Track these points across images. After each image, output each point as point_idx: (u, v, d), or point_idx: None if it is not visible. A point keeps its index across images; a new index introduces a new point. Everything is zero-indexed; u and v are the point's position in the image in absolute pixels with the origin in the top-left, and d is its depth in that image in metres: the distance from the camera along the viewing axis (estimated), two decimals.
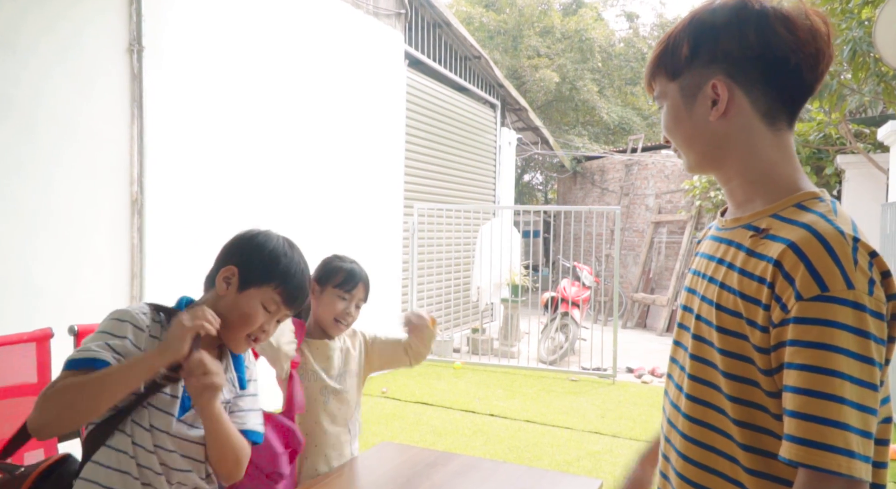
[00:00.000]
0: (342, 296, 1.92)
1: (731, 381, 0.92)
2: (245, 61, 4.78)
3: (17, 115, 3.24)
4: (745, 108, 0.95)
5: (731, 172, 1.00)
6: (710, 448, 0.96)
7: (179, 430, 1.31)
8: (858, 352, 0.80)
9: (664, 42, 1.00)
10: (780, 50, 0.91)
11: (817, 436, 0.79)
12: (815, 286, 0.81)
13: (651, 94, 1.05)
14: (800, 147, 7.19)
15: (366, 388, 5.79)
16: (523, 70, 15.37)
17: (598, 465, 4.06)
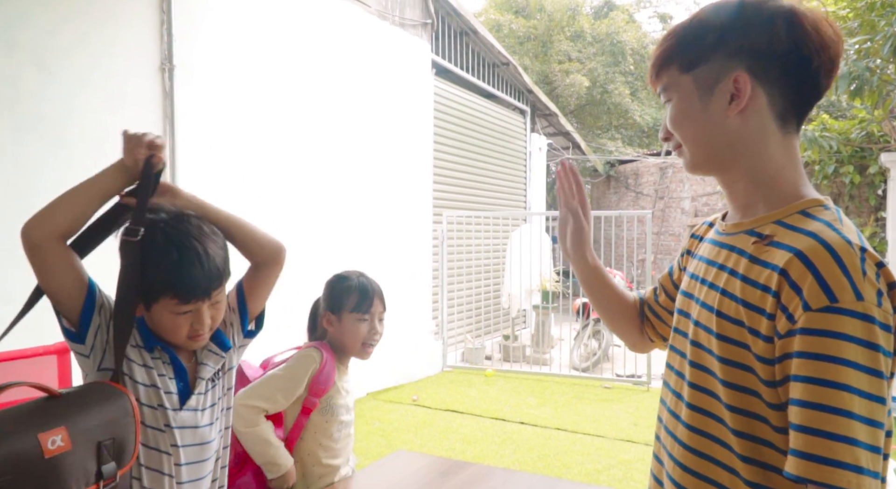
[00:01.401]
0: (362, 319, 1.85)
1: (730, 390, 0.90)
2: (273, 76, 4.88)
3: (50, 132, 3.37)
4: (763, 106, 0.92)
5: (738, 173, 0.97)
6: (709, 458, 0.94)
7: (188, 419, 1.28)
8: (868, 365, 0.77)
9: (678, 33, 0.96)
10: (807, 49, 0.89)
11: (825, 452, 0.77)
12: (824, 297, 0.79)
13: (655, 88, 1.01)
14: (841, 146, 6.98)
15: (396, 396, 5.85)
16: (554, 75, 15.31)
17: (629, 474, 4.00)
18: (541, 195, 10.12)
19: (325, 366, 1.80)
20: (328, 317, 1.88)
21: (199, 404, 1.31)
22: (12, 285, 3.13)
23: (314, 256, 5.25)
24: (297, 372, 1.76)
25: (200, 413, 1.31)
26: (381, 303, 1.92)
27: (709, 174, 1.02)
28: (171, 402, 1.27)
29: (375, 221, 6.09)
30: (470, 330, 7.94)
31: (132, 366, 1.26)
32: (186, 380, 1.31)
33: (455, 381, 6.56)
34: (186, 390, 1.30)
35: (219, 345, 1.36)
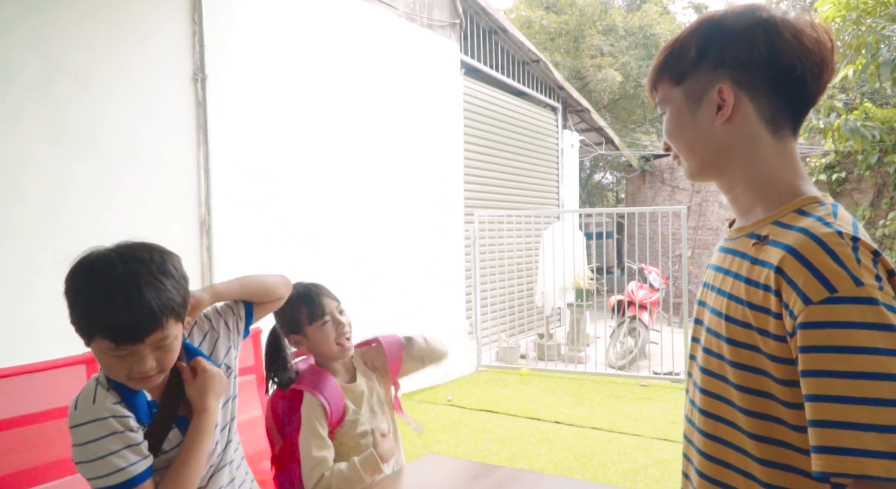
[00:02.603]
0: (323, 323, 1.84)
1: (744, 394, 0.90)
2: (304, 81, 4.96)
3: (84, 141, 3.48)
4: (750, 114, 0.94)
5: (734, 180, 0.99)
6: (724, 463, 0.95)
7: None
8: (885, 346, 0.76)
9: (669, 47, 1.00)
10: (787, 57, 0.91)
11: (851, 443, 0.75)
12: (823, 288, 0.79)
13: (653, 101, 1.04)
14: (884, 134, 6.74)
15: (431, 397, 5.88)
16: (586, 70, 15.14)
17: (666, 474, 3.95)
18: (574, 192, 10.03)
19: (332, 406, 1.80)
20: (294, 339, 1.86)
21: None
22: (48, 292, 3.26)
23: (346, 259, 5.31)
24: (315, 423, 1.77)
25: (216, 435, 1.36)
26: (332, 299, 1.90)
27: (707, 181, 1.04)
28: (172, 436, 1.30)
29: (407, 222, 6.13)
30: (504, 329, 7.92)
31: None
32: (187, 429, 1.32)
33: (490, 381, 6.56)
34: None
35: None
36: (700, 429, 0.99)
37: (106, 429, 1.17)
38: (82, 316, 1.15)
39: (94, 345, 1.17)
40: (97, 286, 1.15)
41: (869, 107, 7.12)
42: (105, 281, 1.14)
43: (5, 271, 3.12)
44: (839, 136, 6.36)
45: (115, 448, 1.17)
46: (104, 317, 1.13)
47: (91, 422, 1.18)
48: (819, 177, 8.32)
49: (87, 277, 1.17)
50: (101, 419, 1.18)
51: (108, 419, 1.18)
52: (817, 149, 8.37)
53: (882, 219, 7.79)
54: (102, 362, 1.19)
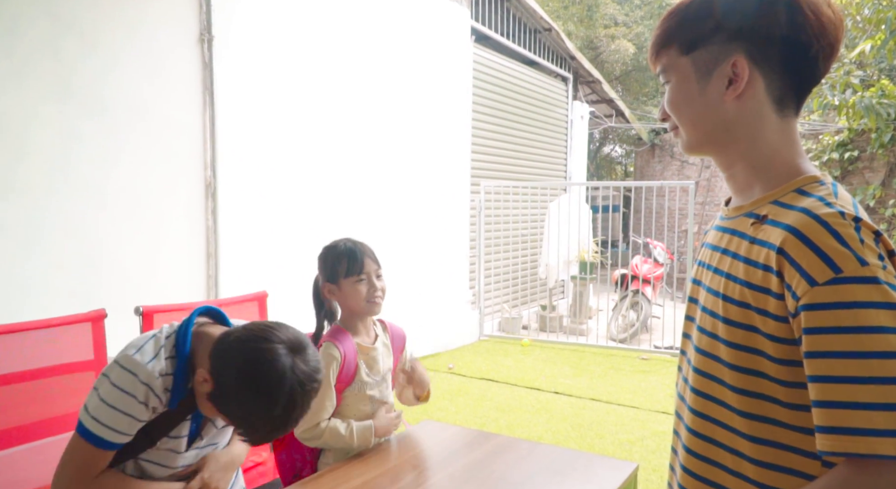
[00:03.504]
0: (359, 280, 1.87)
1: (736, 373, 0.91)
2: (311, 45, 4.90)
3: (90, 101, 3.46)
4: (760, 91, 0.92)
5: (734, 156, 0.97)
6: (713, 441, 0.96)
7: (184, 462, 1.37)
8: (892, 325, 0.76)
9: (678, 13, 0.96)
10: (806, 35, 0.89)
11: (860, 422, 0.75)
12: (828, 269, 0.78)
13: (654, 69, 1.01)
14: None
15: (432, 364, 5.94)
16: (599, 40, 14.87)
17: (662, 445, 4.00)
18: (582, 165, 9.96)
19: (346, 360, 1.82)
20: (328, 287, 1.90)
21: (203, 444, 1.40)
22: (54, 250, 3.28)
23: (351, 224, 5.32)
24: (327, 373, 1.78)
25: (201, 451, 1.40)
26: (374, 262, 1.93)
27: (705, 155, 1.02)
28: (179, 445, 1.34)
29: (413, 191, 6.12)
30: (507, 300, 7.96)
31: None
32: (199, 423, 1.37)
33: (491, 351, 6.62)
34: (196, 433, 1.37)
35: None
36: (691, 407, 0.99)
37: (134, 390, 1.21)
38: (257, 419, 1.21)
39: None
40: (282, 401, 1.19)
41: (886, 84, 6.99)
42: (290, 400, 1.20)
43: (10, 228, 3.14)
44: (854, 114, 6.27)
45: (124, 409, 1.20)
46: (270, 428, 1.21)
47: (131, 373, 1.21)
48: (831, 155, 8.23)
49: (283, 388, 1.19)
50: (139, 379, 1.21)
51: (143, 384, 1.21)
52: (831, 126, 8.26)
53: (893, 198, 7.72)
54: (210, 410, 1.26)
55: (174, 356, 1.27)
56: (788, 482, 0.87)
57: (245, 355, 1.18)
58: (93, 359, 1.61)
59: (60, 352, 1.52)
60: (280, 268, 4.57)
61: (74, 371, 1.56)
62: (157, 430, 1.28)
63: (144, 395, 1.21)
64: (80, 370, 1.58)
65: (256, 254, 4.46)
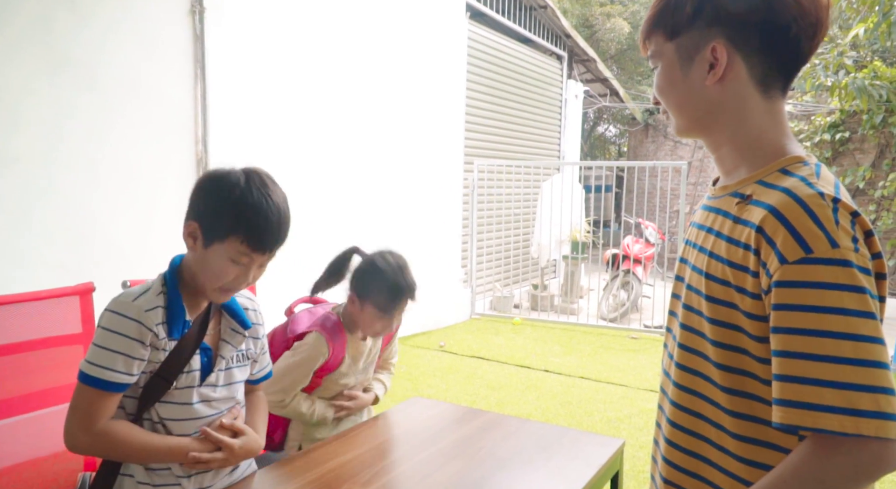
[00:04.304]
0: (383, 316, 1.83)
1: (719, 350, 0.93)
2: (305, 19, 4.83)
3: (82, 74, 3.41)
4: (742, 74, 0.93)
5: (721, 138, 0.98)
6: (697, 414, 0.98)
7: (203, 395, 1.36)
8: (856, 308, 0.79)
9: (662, 1, 0.97)
10: (783, 17, 0.89)
11: (812, 398, 0.78)
12: (799, 248, 0.81)
13: (645, 53, 1.02)
14: (891, 94, 6.64)
15: (423, 342, 5.97)
16: (595, 18, 14.74)
17: (649, 423, 4.05)
18: (575, 144, 9.93)
19: (332, 355, 1.85)
20: (352, 295, 1.87)
21: (218, 381, 1.39)
22: (44, 224, 3.26)
23: (344, 201, 5.30)
24: (310, 363, 1.83)
25: (219, 389, 1.40)
26: (407, 303, 1.87)
27: (696, 138, 1.03)
28: (193, 380, 1.35)
29: (406, 169, 6.09)
30: (499, 278, 7.98)
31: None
32: (210, 356, 1.39)
33: (482, 329, 6.65)
34: (209, 367, 1.38)
35: (240, 322, 1.44)
36: (675, 382, 1.02)
37: (124, 328, 1.24)
38: (233, 210, 1.23)
39: (219, 246, 1.25)
40: (258, 188, 1.25)
41: (878, 65, 6.99)
42: (265, 189, 1.26)
43: (1, 201, 3.11)
44: (846, 95, 6.27)
45: (117, 349, 1.24)
46: (255, 220, 1.23)
47: (119, 314, 1.25)
48: (823, 135, 8.24)
49: (258, 186, 1.25)
50: (127, 317, 1.24)
51: (132, 321, 1.25)
52: (823, 107, 8.25)
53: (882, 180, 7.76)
54: (216, 264, 1.26)
55: (163, 291, 1.31)
56: (767, 455, 0.89)
57: (202, 184, 1.30)
58: (80, 333, 1.61)
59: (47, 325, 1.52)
60: None
61: (61, 344, 1.56)
62: (169, 370, 1.30)
63: (137, 332, 1.25)
64: (68, 343, 1.58)
65: None
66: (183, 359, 1.31)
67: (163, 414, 1.33)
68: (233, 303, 1.44)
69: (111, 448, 1.27)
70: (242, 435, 1.40)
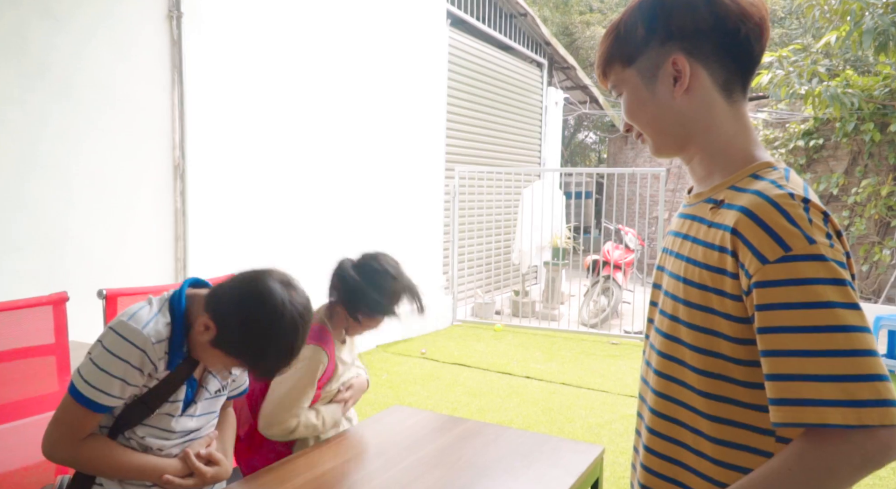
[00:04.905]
0: (378, 321, 1.82)
1: (697, 354, 0.94)
2: (283, 25, 4.81)
3: (57, 81, 3.37)
4: (705, 81, 0.96)
5: (695, 149, 1.01)
6: (675, 420, 0.98)
7: (181, 426, 1.37)
8: (841, 300, 0.80)
9: (613, 32, 1.01)
10: (731, 21, 0.93)
11: (812, 393, 0.78)
12: (778, 247, 0.82)
13: (606, 86, 1.05)
14: (863, 102, 6.78)
15: (405, 349, 5.95)
16: (574, 27, 14.89)
17: (629, 428, 4.07)
18: (556, 151, 9.99)
19: (330, 363, 1.81)
20: (341, 304, 1.83)
21: (196, 412, 1.40)
22: (17, 233, 3.20)
23: (324, 206, 5.28)
24: (313, 376, 1.75)
25: (196, 419, 1.41)
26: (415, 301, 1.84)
27: (672, 156, 1.05)
28: (175, 409, 1.35)
29: (387, 175, 6.08)
30: (480, 285, 7.99)
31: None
32: (195, 388, 1.40)
33: (464, 336, 6.65)
34: (191, 399, 1.39)
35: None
36: (654, 389, 1.03)
37: (128, 355, 1.24)
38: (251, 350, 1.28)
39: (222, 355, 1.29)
40: (280, 336, 1.27)
41: (850, 74, 7.13)
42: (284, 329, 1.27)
43: None
44: (819, 103, 6.39)
45: (116, 373, 1.23)
46: (264, 366, 1.30)
47: (126, 339, 1.24)
48: (797, 142, 8.38)
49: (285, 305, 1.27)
50: (134, 344, 1.24)
51: (138, 349, 1.24)
52: (797, 115, 8.40)
53: (855, 186, 7.91)
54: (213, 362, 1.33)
55: (170, 321, 1.30)
56: (745, 458, 0.90)
57: (243, 294, 1.26)
58: (53, 344, 1.57)
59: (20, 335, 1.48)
60: (251, 250, 4.52)
61: (34, 355, 1.52)
62: (156, 398, 1.31)
63: (139, 360, 1.24)
64: (41, 355, 1.54)
65: (226, 237, 4.40)
66: (171, 389, 1.32)
67: (139, 431, 1.33)
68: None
69: (88, 463, 1.28)
70: (216, 465, 1.41)
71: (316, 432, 1.79)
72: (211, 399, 1.44)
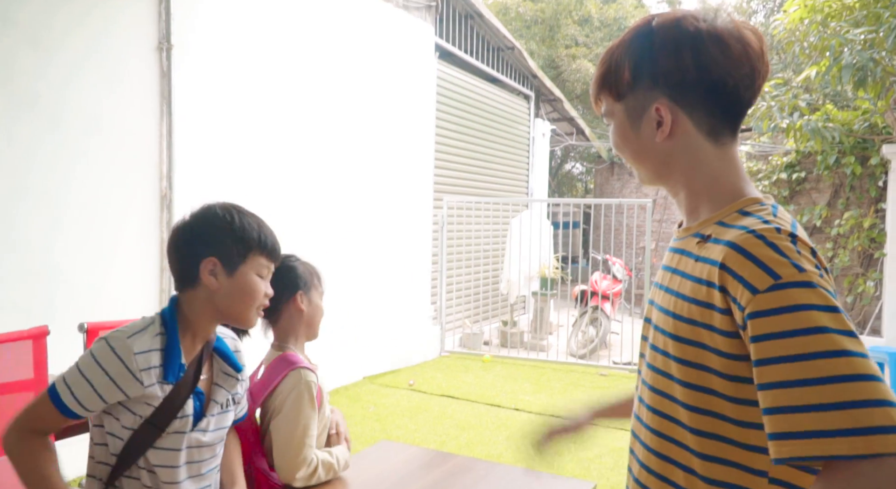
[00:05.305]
0: (321, 293, 1.81)
1: (687, 390, 0.92)
2: (273, 57, 4.85)
3: (44, 110, 3.35)
4: (689, 128, 0.96)
5: (678, 185, 1.01)
6: (668, 459, 0.96)
7: (192, 441, 1.33)
8: (836, 327, 0.76)
9: (606, 61, 1.00)
10: (716, 73, 0.92)
11: (818, 425, 0.73)
12: (768, 277, 0.80)
13: (598, 111, 1.06)
14: (843, 136, 6.92)
15: (392, 380, 5.88)
16: (560, 60, 15.16)
17: (620, 462, 4.03)
18: (543, 181, 10.08)
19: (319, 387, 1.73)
20: (301, 297, 1.75)
21: (209, 426, 1.37)
22: (3, 266, 3.15)
23: (311, 240, 5.26)
24: (311, 401, 1.66)
25: (210, 434, 1.37)
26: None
27: (657, 186, 1.06)
28: (185, 425, 1.31)
29: (376, 205, 6.09)
30: (468, 315, 7.96)
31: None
32: (203, 401, 1.37)
33: (452, 367, 6.59)
34: (200, 412, 1.36)
35: (232, 365, 1.43)
36: (647, 425, 1.01)
37: (106, 362, 1.23)
38: (245, 234, 1.35)
39: (245, 268, 1.34)
40: (250, 216, 1.39)
41: (830, 108, 7.29)
42: (252, 215, 1.41)
43: None
44: (801, 136, 6.51)
45: (92, 380, 1.22)
46: (265, 236, 1.38)
47: (109, 346, 1.24)
48: (780, 175, 8.51)
49: (238, 211, 1.39)
50: (115, 352, 1.24)
51: (116, 357, 1.23)
52: (779, 147, 8.55)
53: (837, 218, 8.02)
54: (247, 284, 1.34)
55: (162, 332, 1.30)
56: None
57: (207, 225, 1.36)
58: (33, 379, 1.53)
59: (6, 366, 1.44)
60: None
61: (13, 391, 1.47)
62: (163, 415, 1.28)
63: (116, 371, 1.23)
64: (20, 390, 1.49)
65: None
66: (177, 404, 1.29)
67: (152, 460, 1.29)
68: (223, 345, 1.44)
69: (20, 458, 1.24)
70: None
71: (334, 471, 1.68)
72: (221, 414, 1.41)
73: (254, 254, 1.35)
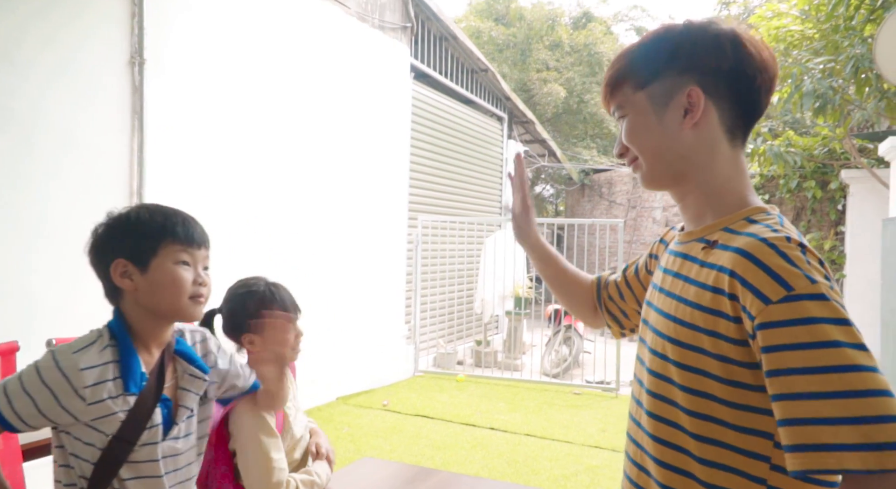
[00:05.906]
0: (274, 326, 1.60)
1: (687, 395, 0.92)
2: (247, 73, 4.84)
3: (16, 127, 3.29)
4: (714, 120, 0.97)
5: (690, 186, 1.01)
6: (668, 466, 0.96)
7: (167, 449, 1.28)
8: (849, 340, 0.77)
9: (628, 54, 1.01)
10: (750, 68, 0.95)
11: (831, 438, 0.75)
12: (780, 287, 0.80)
13: (608, 108, 1.05)
14: (804, 161, 7.16)
15: (366, 401, 5.82)
16: (532, 83, 15.43)
17: (595, 480, 4.04)
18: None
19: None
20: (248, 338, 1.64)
21: (180, 433, 1.31)
22: None
23: (285, 258, 5.21)
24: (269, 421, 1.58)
25: (182, 440, 1.32)
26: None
27: (664, 189, 1.05)
28: (155, 435, 1.26)
29: (350, 224, 6.07)
30: (442, 335, 7.94)
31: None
32: (170, 408, 1.31)
33: (426, 387, 6.55)
34: (169, 420, 1.30)
35: (198, 367, 1.36)
36: (647, 432, 1.00)
37: (47, 375, 1.16)
38: (150, 226, 1.26)
39: (158, 260, 1.25)
40: (156, 209, 1.29)
41: (791, 134, 7.55)
42: (161, 207, 1.30)
43: None
44: (764, 160, 6.71)
45: (30, 390, 1.16)
46: (172, 223, 1.27)
47: (54, 358, 1.17)
48: None
49: (143, 207, 1.29)
50: (58, 365, 1.16)
51: (59, 371, 1.16)
52: None
53: None
54: (166, 276, 1.25)
55: (112, 344, 1.24)
56: None
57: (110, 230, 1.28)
58: None
59: None
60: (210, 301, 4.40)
61: None
62: (131, 428, 1.21)
63: (57, 384, 1.15)
64: None
65: None
66: (144, 413, 1.23)
67: (124, 474, 1.22)
68: (184, 347, 1.37)
69: None
70: None
71: (316, 486, 1.62)
72: (192, 418, 1.35)
73: (165, 244, 1.25)
